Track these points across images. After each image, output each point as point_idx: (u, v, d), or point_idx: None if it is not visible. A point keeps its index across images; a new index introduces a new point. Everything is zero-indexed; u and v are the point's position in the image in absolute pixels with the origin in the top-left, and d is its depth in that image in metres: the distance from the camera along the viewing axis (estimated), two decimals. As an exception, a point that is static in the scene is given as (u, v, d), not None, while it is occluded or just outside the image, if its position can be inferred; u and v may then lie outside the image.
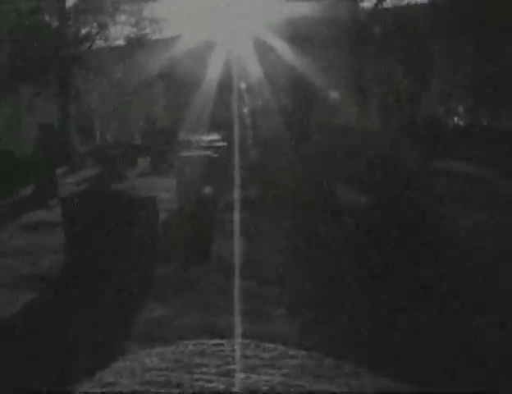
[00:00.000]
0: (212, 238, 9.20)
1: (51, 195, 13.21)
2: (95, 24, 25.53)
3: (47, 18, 25.79)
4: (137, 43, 27.06)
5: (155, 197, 8.26)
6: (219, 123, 31.41)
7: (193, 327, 5.75)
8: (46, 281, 7.48)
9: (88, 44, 26.35)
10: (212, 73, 28.31)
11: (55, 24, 25.61)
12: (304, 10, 22.47)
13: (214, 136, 27.98)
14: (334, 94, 26.03)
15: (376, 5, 25.99)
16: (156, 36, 28.37)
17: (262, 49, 25.22)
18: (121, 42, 27.70)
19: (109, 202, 7.58)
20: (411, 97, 26.59)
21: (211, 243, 8.95)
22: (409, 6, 27.54)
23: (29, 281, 7.47)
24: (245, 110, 26.55)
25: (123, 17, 26.42)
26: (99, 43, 27.24)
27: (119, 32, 27.13)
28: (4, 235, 10.18)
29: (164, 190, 12.83)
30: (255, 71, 25.12)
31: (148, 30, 27.96)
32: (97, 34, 25.95)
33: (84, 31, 25.95)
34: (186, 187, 11.07)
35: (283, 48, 23.19)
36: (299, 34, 23.37)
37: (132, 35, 27.45)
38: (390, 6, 27.36)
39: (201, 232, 9.12)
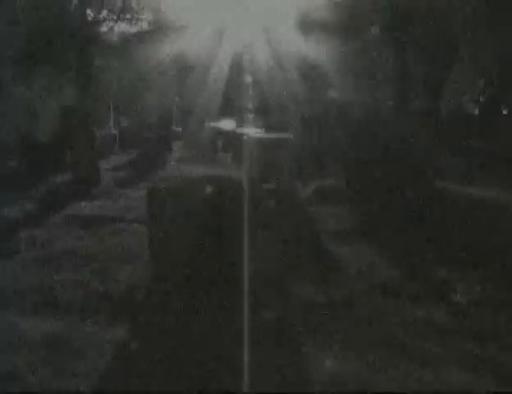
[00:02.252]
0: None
1: (93, 182, 10.66)
2: (118, 5, 22.74)
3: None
4: (156, 29, 24.34)
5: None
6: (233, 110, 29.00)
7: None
8: (134, 301, 4.99)
9: (109, 25, 23.56)
10: (224, 61, 26.08)
11: (75, 2, 22.77)
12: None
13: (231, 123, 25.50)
14: (348, 83, 23.37)
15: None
16: (174, 23, 25.65)
17: (274, 39, 22.73)
18: (143, 25, 24.97)
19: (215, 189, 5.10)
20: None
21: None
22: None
23: (110, 302, 4.97)
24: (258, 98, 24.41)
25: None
26: (121, 26, 24.42)
27: (140, 16, 24.33)
28: (51, 234, 7.57)
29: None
30: (266, 59, 22.73)
31: (167, 17, 25.18)
32: (119, 15, 23.16)
33: (105, 11, 23.14)
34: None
35: (295, 38, 20.67)
36: (313, 24, 20.79)
37: (152, 20, 24.72)
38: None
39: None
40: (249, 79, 25.73)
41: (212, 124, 21.06)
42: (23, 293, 5.14)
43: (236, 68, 26.73)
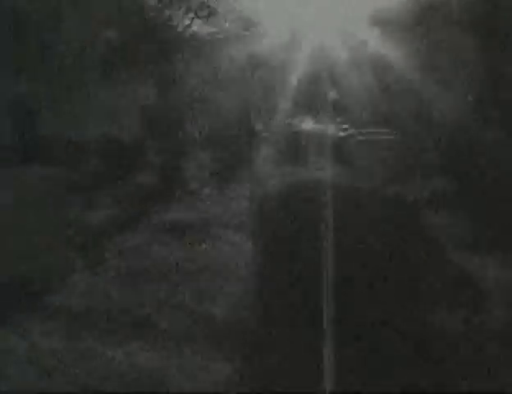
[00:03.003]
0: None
1: (176, 183, 9.82)
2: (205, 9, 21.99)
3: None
4: (232, 28, 23.46)
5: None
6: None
7: None
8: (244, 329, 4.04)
9: (192, 29, 22.85)
10: (301, 60, 24.90)
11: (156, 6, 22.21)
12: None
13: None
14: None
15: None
16: (249, 21, 24.72)
17: (351, 41, 21.42)
18: (221, 23, 24.19)
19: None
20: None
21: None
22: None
23: (215, 328, 4.03)
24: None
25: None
26: (204, 29, 23.68)
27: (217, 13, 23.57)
28: (138, 242, 6.69)
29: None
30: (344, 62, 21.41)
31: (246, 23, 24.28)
32: (205, 18, 22.42)
33: (189, 15, 22.46)
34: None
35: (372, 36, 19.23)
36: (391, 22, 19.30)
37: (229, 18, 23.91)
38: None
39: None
40: (325, 78, 24.61)
41: (292, 122, 20.08)
42: (113, 317, 4.28)
43: (312, 67, 25.72)
